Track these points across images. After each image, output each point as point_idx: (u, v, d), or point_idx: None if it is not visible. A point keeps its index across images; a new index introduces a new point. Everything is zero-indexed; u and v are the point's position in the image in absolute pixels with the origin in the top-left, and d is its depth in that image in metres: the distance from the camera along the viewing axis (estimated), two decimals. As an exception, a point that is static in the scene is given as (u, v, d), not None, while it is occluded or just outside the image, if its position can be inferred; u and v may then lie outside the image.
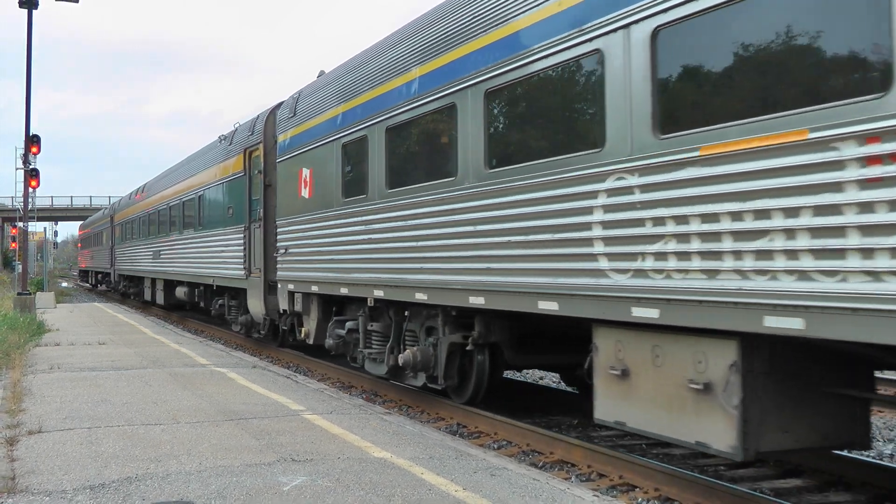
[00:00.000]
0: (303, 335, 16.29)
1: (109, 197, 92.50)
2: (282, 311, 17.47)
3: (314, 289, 15.17)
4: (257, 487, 7.29)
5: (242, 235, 20.10)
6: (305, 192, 15.65)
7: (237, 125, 22.62)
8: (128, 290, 43.60)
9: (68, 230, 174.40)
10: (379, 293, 12.55)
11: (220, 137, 23.83)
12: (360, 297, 13.32)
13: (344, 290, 13.79)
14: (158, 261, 32.03)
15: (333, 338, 14.72)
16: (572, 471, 9.41)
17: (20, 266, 36.22)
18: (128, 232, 41.48)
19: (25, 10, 30.80)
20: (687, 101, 7.37)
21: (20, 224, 39.34)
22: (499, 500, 7.01)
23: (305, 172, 15.64)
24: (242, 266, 20.03)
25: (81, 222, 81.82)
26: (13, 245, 62.52)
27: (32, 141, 31.48)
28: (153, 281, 34.56)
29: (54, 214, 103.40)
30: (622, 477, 8.90)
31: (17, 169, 41.26)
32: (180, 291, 28.57)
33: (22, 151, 33.41)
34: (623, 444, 10.29)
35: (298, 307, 16.31)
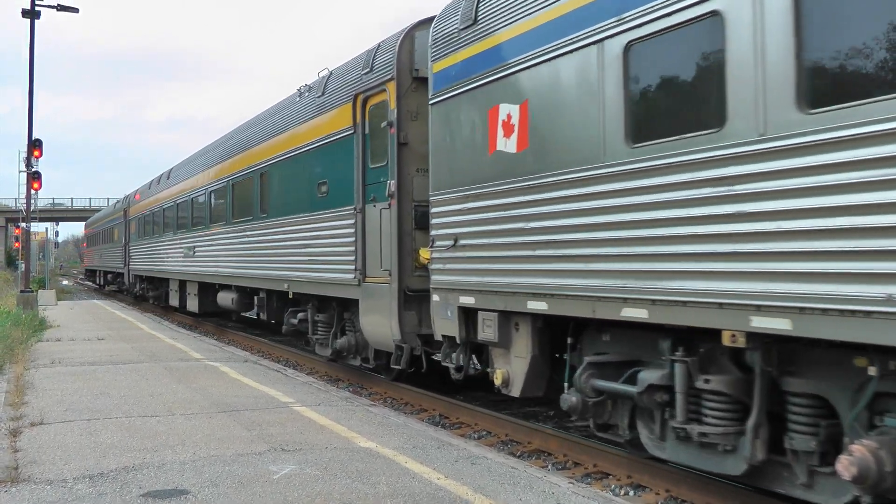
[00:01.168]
0: (498, 381, 9.76)
1: (108, 198, 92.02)
2: (440, 338, 10.91)
3: (534, 305, 8.68)
4: (248, 476, 7.29)
5: (352, 222, 13.26)
6: (508, 145, 9.17)
7: (326, 73, 15.42)
8: (146, 294, 35.44)
9: (69, 230, 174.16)
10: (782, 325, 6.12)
11: (300, 89, 16.77)
12: (678, 326, 7.19)
13: (636, 314, 7.40)
14: (192, 259, 24.72)
15: (588, 392, 8.29)
16: (549, 459, 9.46)
17: (23, 265, 36.00)
18: (147, 226, 33.59)
19: (28, 20, 30.68)
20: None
21: (23, 224, 39.10)
22: (478, 487, 7.03)
23: (508, 111, 9.16)
24: (352, 267, 13.20)
25: (86, 221, 73.65)
26: (16, 245, 62.20)
27: (35, 145, 31.37)
28: (182, 283, 27.12)
29: (55, 215, 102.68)
30: (596, 465, 8.96)
31: (20, 171, 41.03)
32: (226, 298, 21.26)
33: (25, 155, 33.27)
34: (597, 435, 10.32)
35: (488, 334, 9.70)
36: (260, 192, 18.16)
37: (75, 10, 31.86)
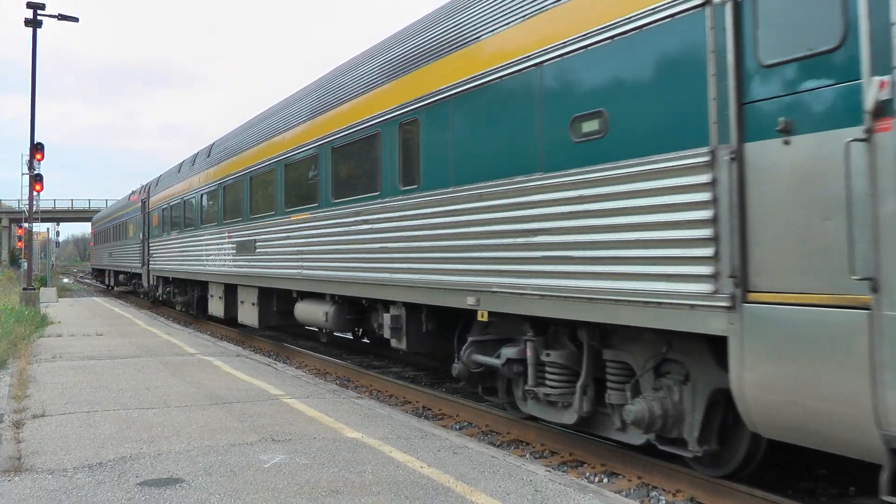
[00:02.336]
0: None
1: (107, 200, 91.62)
2: None
3: None
4: (240, 465, 7.27)
5: (703, 180, 6.60)
6: None
7: None
8: (172, 298, 28.52)
9: (69, 230, 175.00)
10: None
11: None
12: None
13: None
14: (251, 257, 17.79)
15: None
16: (527, 449, 9.48)
17: (26, 263, 35.80)
18: (175, 218, 26.50)
19: (30, 29, 30.53)
20: None
21: (25, 225, 38.91)
22: (460, 475, 7.03)
23: None
24: (706, 270, 6.54)
25: (93, 217, 65.44)
26: (19, 244, 61.93)
27: (37, 148, 31.19)
28: (230, 288, 20.42)
29: (56, 216, 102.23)
30: (572, 454, 8.99)
31: (22, 174, 40.99)
32: (313, 311, 14.73)
33: (27, 158, 33.12)
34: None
35: None
36: (399, 154, 11.33)
37: (75, 20, 31.70)
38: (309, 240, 14.49)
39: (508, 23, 9.04)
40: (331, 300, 14.07)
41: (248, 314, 18.58)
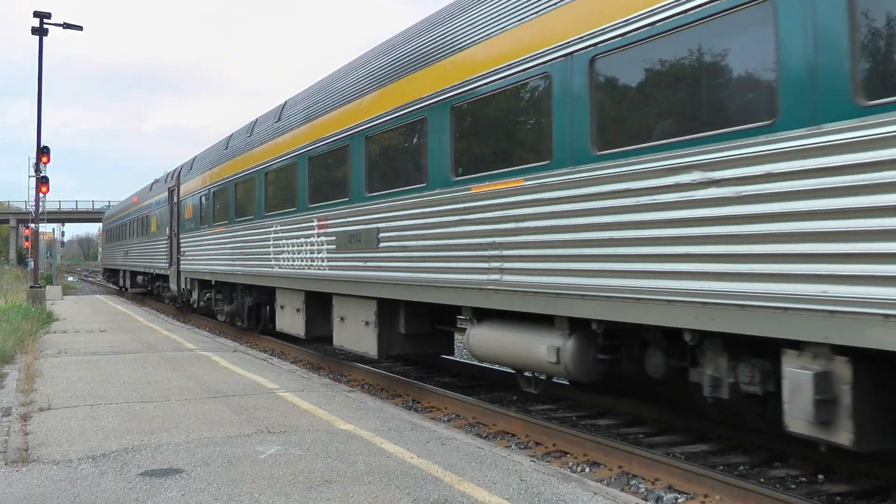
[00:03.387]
0: None
1: (109, 201, 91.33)
2: None
3: None
4: (237, 456, 7.27)
5: None
6: None
7: None
8: (214, 305, 22.23)
9: (73, 231, 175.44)
10: None
11: None
12: None
13: None
14: (366, 255, 11.71)
15: None
16: (512, 440, 9.50)
17: (32, 262, 35.65)
18: (219, 207, 20.44)
19: (37, 37, 30.43)
20: None
21: (32, 225, 38.74)
22: (448, 465, 7.04)
23: None
24: None
25: (105, 213, 58.64)
26: (26, 244, 61.69)
27: (43, 152, 31.06)
28: (317, 297, 14.45)
29: (61, 217, 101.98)
30: (555, 445, 9.01)
31: (29, 176, 40.80)
32: (522, 346, 8.84)
33: (34, 161, 33.00)
34: (556, 417, 10.38)
35: None
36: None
37: (79, 28, 31.61)
38: (519, 224, 8.51)
39: None
40: (567, 327, 8.29)
41: (356, 337, 12.60)
